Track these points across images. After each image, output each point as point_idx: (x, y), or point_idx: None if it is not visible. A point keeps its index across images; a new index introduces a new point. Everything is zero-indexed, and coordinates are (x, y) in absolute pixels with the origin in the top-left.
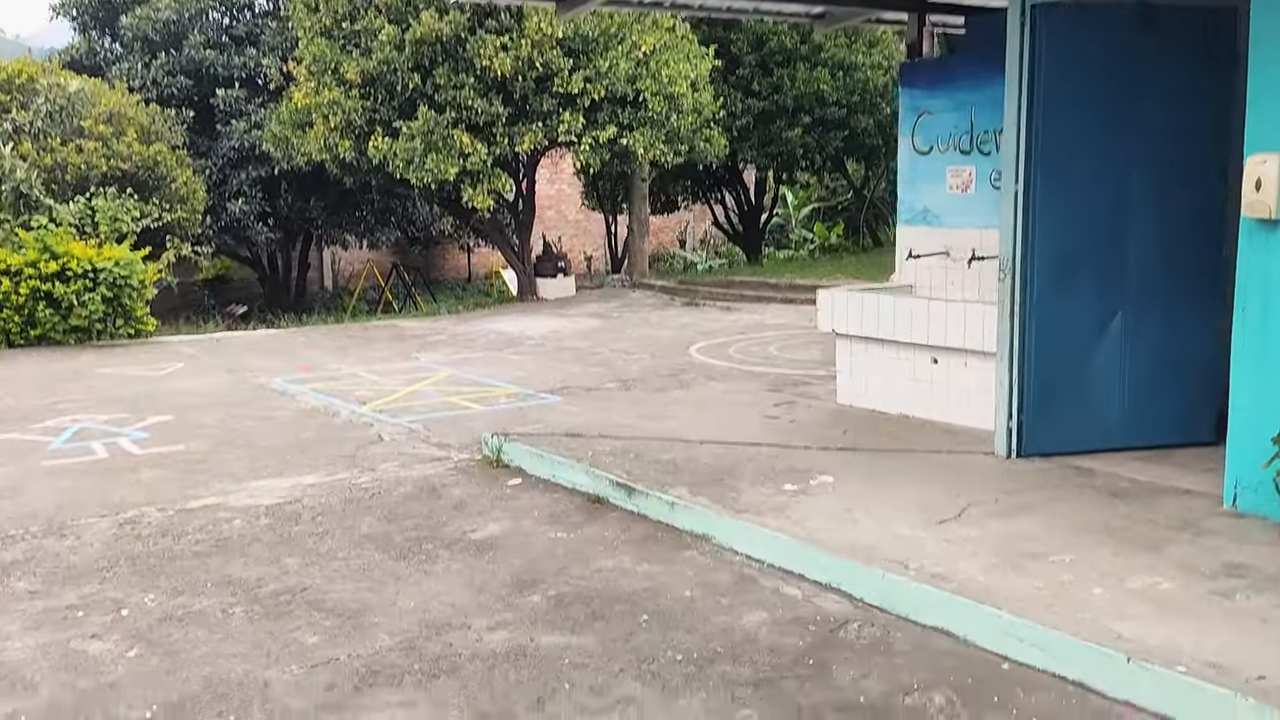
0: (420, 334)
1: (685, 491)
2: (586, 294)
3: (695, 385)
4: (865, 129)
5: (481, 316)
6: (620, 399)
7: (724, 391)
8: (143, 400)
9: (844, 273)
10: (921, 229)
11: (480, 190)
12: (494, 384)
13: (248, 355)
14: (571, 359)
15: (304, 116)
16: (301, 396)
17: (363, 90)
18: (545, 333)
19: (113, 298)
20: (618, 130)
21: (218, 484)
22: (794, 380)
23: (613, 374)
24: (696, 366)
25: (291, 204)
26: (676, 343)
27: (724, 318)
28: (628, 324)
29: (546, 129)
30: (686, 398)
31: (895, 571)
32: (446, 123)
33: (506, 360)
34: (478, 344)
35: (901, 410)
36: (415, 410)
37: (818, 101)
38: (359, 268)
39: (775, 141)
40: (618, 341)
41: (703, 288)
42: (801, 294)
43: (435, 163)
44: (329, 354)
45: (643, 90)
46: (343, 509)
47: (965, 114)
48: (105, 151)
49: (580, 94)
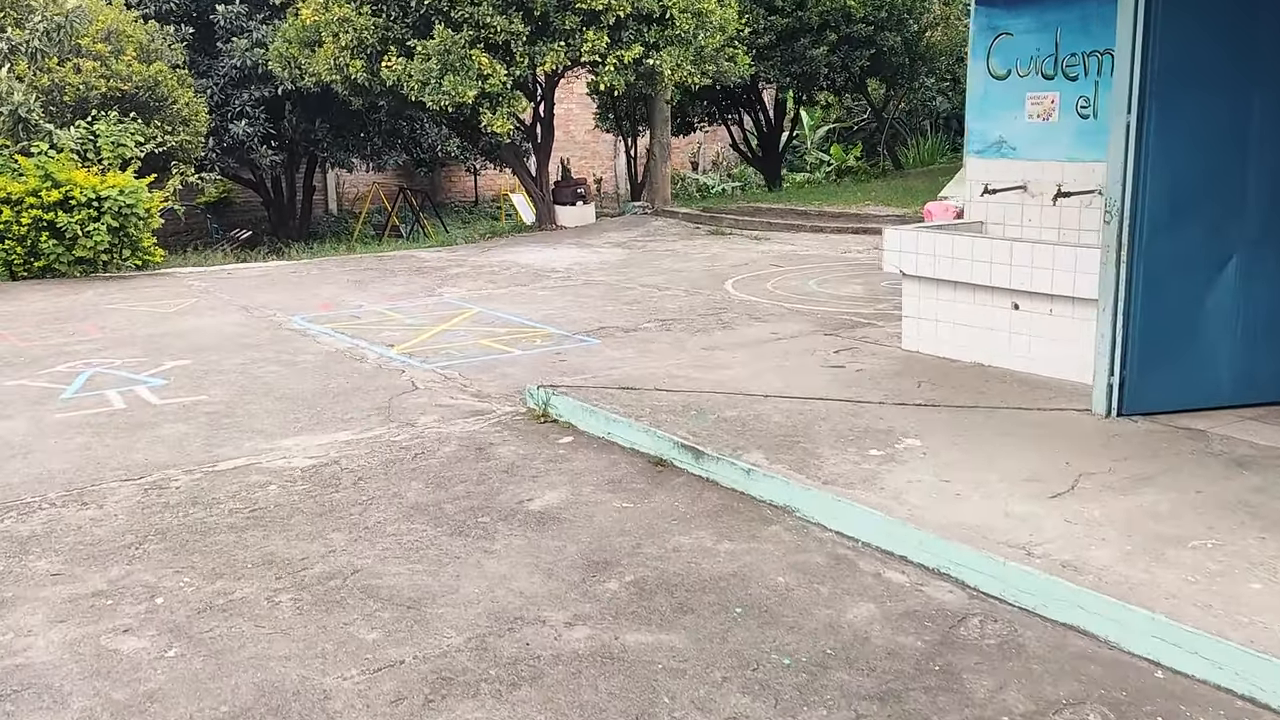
0: (440, 266)
1: (760, 456)
2: (607, 222)
3: (739, 326)
4: (892, 47)
5: (500, 246)
6: (663, 342)
7: (772, 334)
8: (156, 341)
9: (873, 199)
10: (995, 161)
11: (500, 114)
12: (526, 323)
13: (261, 290)
14: (602, 295)
15: (312, 34)
16: (324, 338)
17: (375, 6)
18: (569, 265)
19: (118, 228)
20: (644, 50)
21: (247, 441)
22: (845, 321)
23: (649, 312)
24: (736, 304)
25: (296, 126)
26: (709, 276)
27: (754, 248)
28: (654, 255)
29: (569, 49)
30: (734, 341)
31: (1017, 558)
32: (464, 42)
33: (534, 296)
34: (501, 278)
35: (976, 359)
36: (448, 354)
37: (844, 18)
38: (364, 190)
39: (798, 60)
40: (647, 275)
41: (728, 215)
42: (831, 222)
43: (452, 84)
44: (347, 289)
45: (670, 7)
46: (385, 472)
47: (1050, 35)
48: (104, 71)
49: (604, 10)
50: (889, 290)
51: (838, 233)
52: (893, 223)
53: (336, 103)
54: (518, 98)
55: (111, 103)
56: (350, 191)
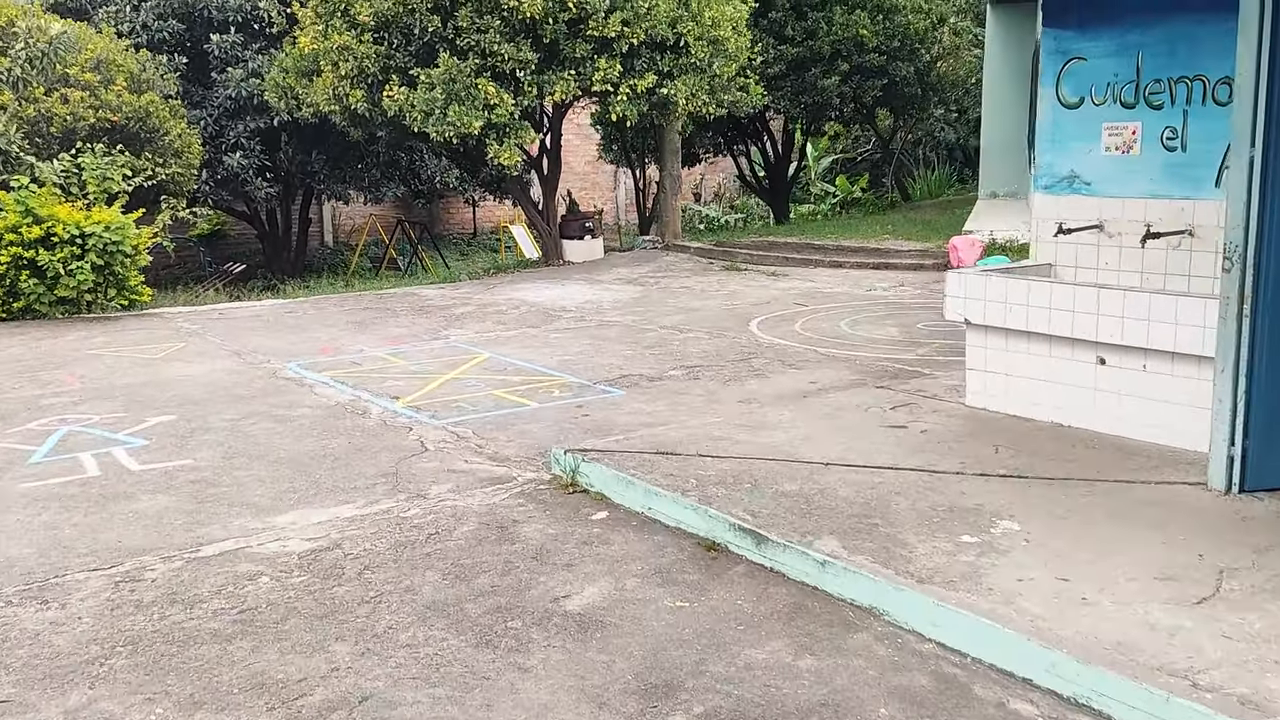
0: (444, 305)
1: (835, 543)
2: (615, 257)
3: (774, 374)
4: (904, 77)
5: (506, 283)
6: (694, 393)
7: (812, 384)
8: (139, 393)
9: (890, 232)
10: (1067, 198)
11: (508, 145)
12: (541, 370)
13: (255, 332)
14: (620, 338)
15: (310, 63)
16: (322, 388)
17: (376, 34)
18: (581, 303)
19: (103, 266)
20: (657, 78)
21: (236, 518)
22: (890, 369)
23: (673, 358)
24: (765, 348)
25: (292, 157)
26: (731, 316)
27: (773, 285)
28: (669, 292)
29: (579, 77)
30: (772, 392)
31: (1183, 692)
32: (470, 70)
33: (547, 339)
34: (510, 318)
35: (1054, 419)
36: (459, 407)
37: (856, 48)
38: (360, 222)
39: (809, 91)
40: (665, 314)
41: (741, 250)
42: (850, 256)
43: (458, 115)
44: (346, 331)
45: (684, 34)
46: (395, 559)
47: (1130, 59)
48: (92, 101)
49: (617, 38)
50: (927, 332)
51: (858, 268)
52: (914, 258)
53: (334, 134)
54: (525, 128)
55: (100, 134)
56: (347, 223)
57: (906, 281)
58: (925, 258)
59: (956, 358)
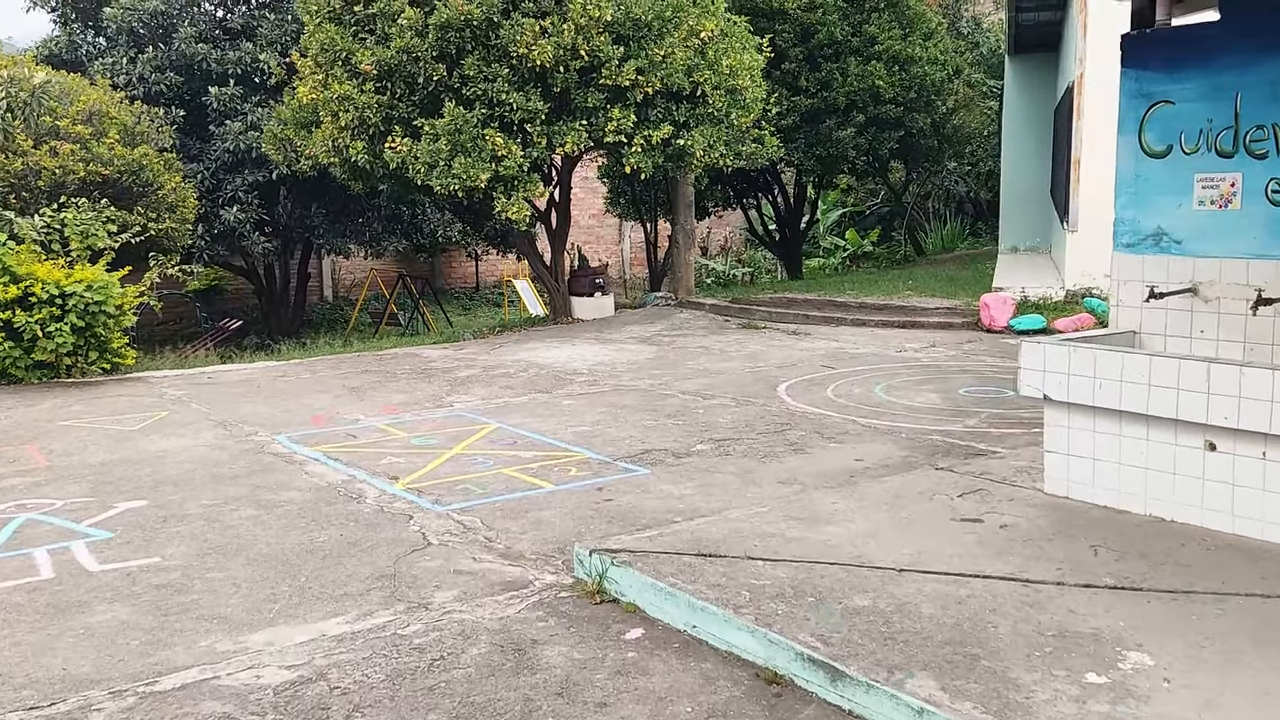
0: (447, 367)
1: (931, 683)
2: (627, 314)
3: (814, 449)
4: (921, 129)
5: (512, 342)
6: (727, 471)
7: (858, 462)
8: (110, 473)
9: (913, 288)
10: (1153, 257)
11: (516, 199)
12: (555, 444)
13: (244, 399)
14: (639, 405)
15: (309, 115)
16: (313, 466)
17: (378, 84)
18: (593, 365)
19: (84, 327)
20: (673, 129)
21: (204, 636)
22: (941, 445)
23: (699, 429)
24: (798, 417)
25: (291, 211)
26: (756, 380)
27: (796, 345)
28: (686, 353)
29: (591, 128)
30: (816, 472)
31: None
32: (476, 120)
33: (559, 406)
34: (518, 382)
35: (1153, 511)
36: (465, 489)
37: (872, 99)
38: (361, 277)
39: (824, 143)
40: (684, 378)
41: (759, 307)
42: (874, 314)
43: (464, 167)
44: (342, 398)
45: (701, 83)
46: (391, 695)
47: (1226, 102)
48: (83, 155)
49: (631, 87)
50: (971, 400)
51: (883, 327)
52: (942, 316)
53: (334, 187)
54: (535, 181)
55: (91, 188)
56: (347, 278)
57: (937, 341)
58: (954, 315)
59: (1012, 430)
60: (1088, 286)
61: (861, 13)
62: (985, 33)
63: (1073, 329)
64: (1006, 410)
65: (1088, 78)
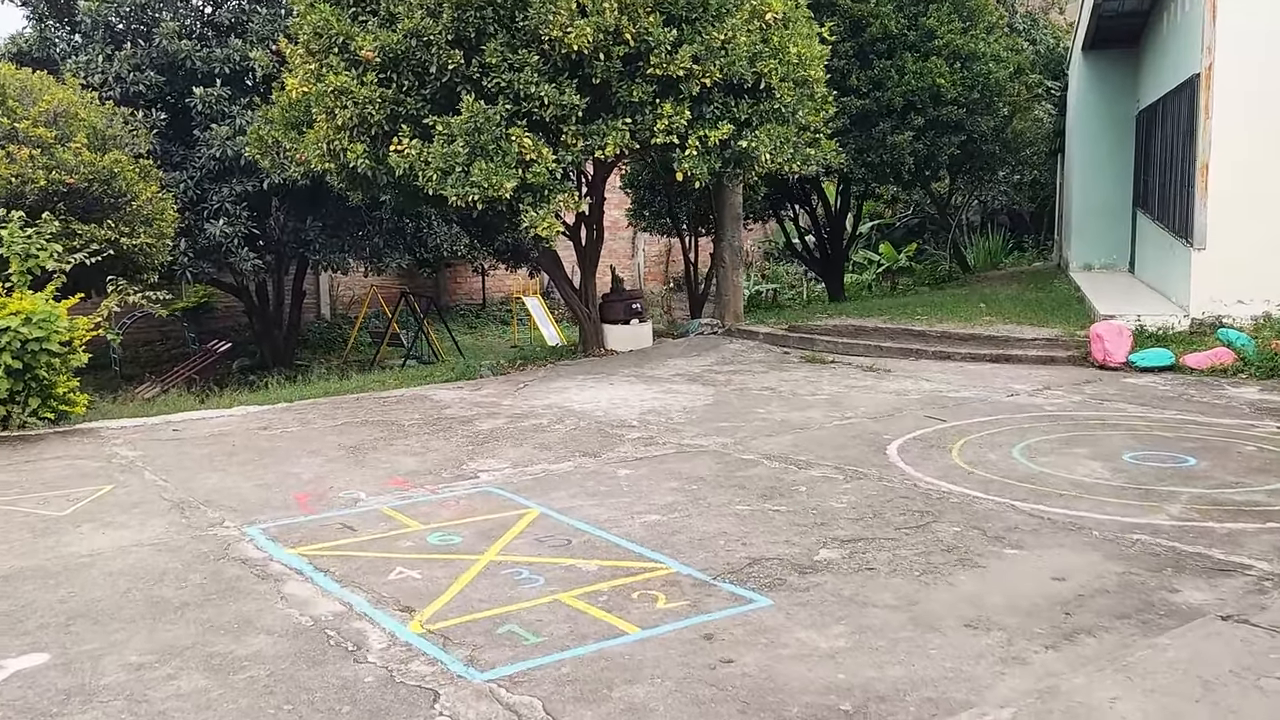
0: (465, 415)
1: None
2: (668, 345)
3: (985, 557)
4: (983, 134)
5: (539, 380)
6: (884, 604)
7: (1058, 581)
8: (16, 594)
9: (992, 312)
10: None
11: (547, 212)
12: (623, 545)
13: (213, 464)
14: (717, 477)
15: (300, 113)
16: (294, 584)
17: (382, 74)
18: (643, 413)
19: (21, 370)
20: (734, 128)
21: None
22: (1161, 552)
23: (811, 519)
24: (934, 499)
25: (283, 224)
26: (852, 436)
27: (879, 384)
28: (751, 397)
29: (637, 127)
30: (1004, 603)
31: None
32: (500, 118)
33: (614, 478)
34: (554, 438)
35: None
36: (510, 635)
37: (932, 99)
38: (361, 294)
39: (876, 148)
40: (761, 433)
41: (821, 337)
42: (959, 345)
43: (485, 174)
44: (337, 461)
45: (766, 74)
46: None
47: None
48: (45, 161)
49: (685, 78)
50: (1149, 474)
51: (972, 360)
52: (1040, 348)
53: (331, 197)
54: (570, 190)
55: (54, 199)
56: (345, 295)
57: (1049, 382)
58: (1055, 347)
59: (1239, 523)
60: (1217, 315)
61: (919, 3)
62: (1043, 29)
63: (1207, 366)
64: (1204, 488)
65: (1218, 69)
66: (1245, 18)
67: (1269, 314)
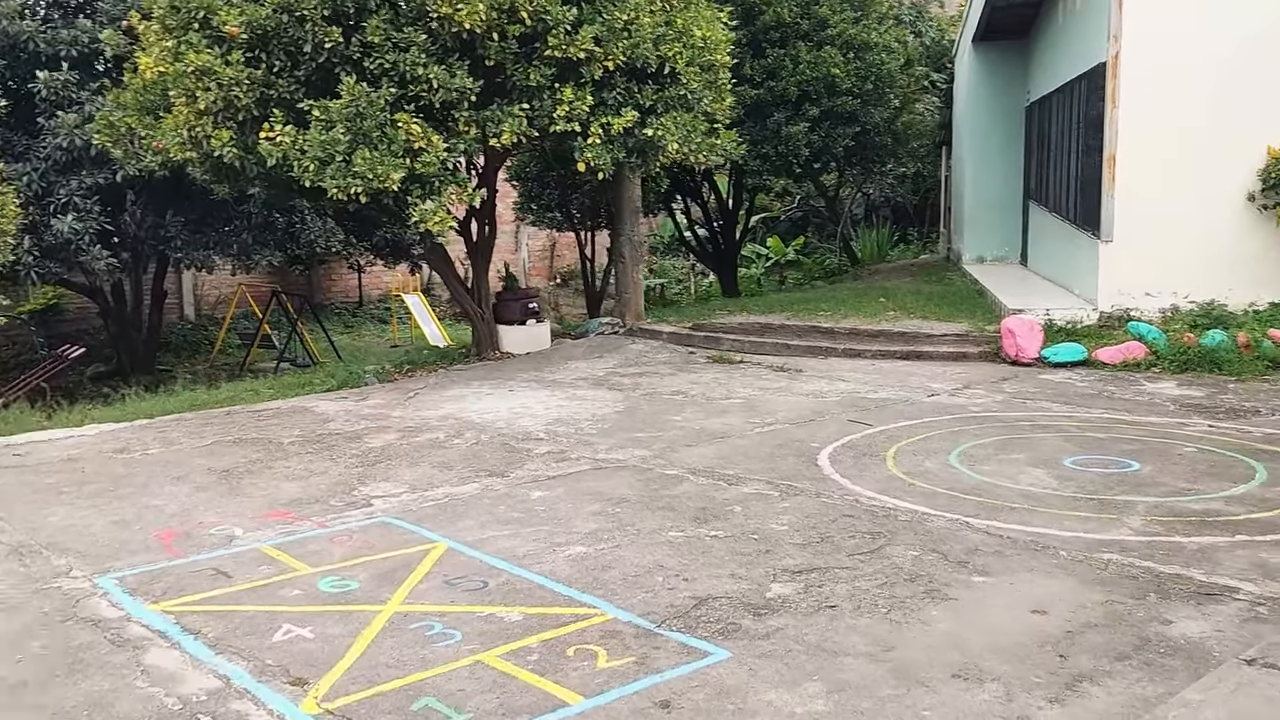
0: (351, 430)
1: None
2: (567, 346)
3: (953, 587)
4: (876, 125)
5: (430, 387)
6: (858, 654)
7: (1038, 615)
8: None
9: (898, 308)
10: None
11: (438, 205)
12: (548, 586)
13: (61, 495)
14: (643, 498)
15: (157, 96)
16: (157, 653)
17: (250, 53)
18: (549, 423)
19: None
20: (638, 116)
21: None
22: (1139, 575)
23: (755, 546)
24: (882, 517)
25: (141, 220)
26: (779, 446)
27: (793, 385)
28: (664, 402)
29: (534, 113)
30: (992, 644)
31: None
32: (384, 102)
33: (528, 502)
34: (455, 455)
35: None
36: (424, 710)
37: (827, 89)
38: (228, 293)
39: (772, 139)
40: (682, 443)
41: (727, 335)
42: (868, 342)
43: (369, 163)
44: (207, 489)
45: (670, 58)
46: None
47: None
48: None
49: (586, 61)
50: (1097, 481)
51: (883, 358)
52: (951, 344)
53: (194, 190)
54: (465, 181)
55: None
56: (211, 294)
57: (967, 380)
58: (965, 343)
59: (1208, 536)
60: (1126, 308)
61: None
62: (928, 21)
63: (1120, 360)
64: (1157, 496)
65: (1125, 58)
66: (1152, 4)
67: (1177, 306)
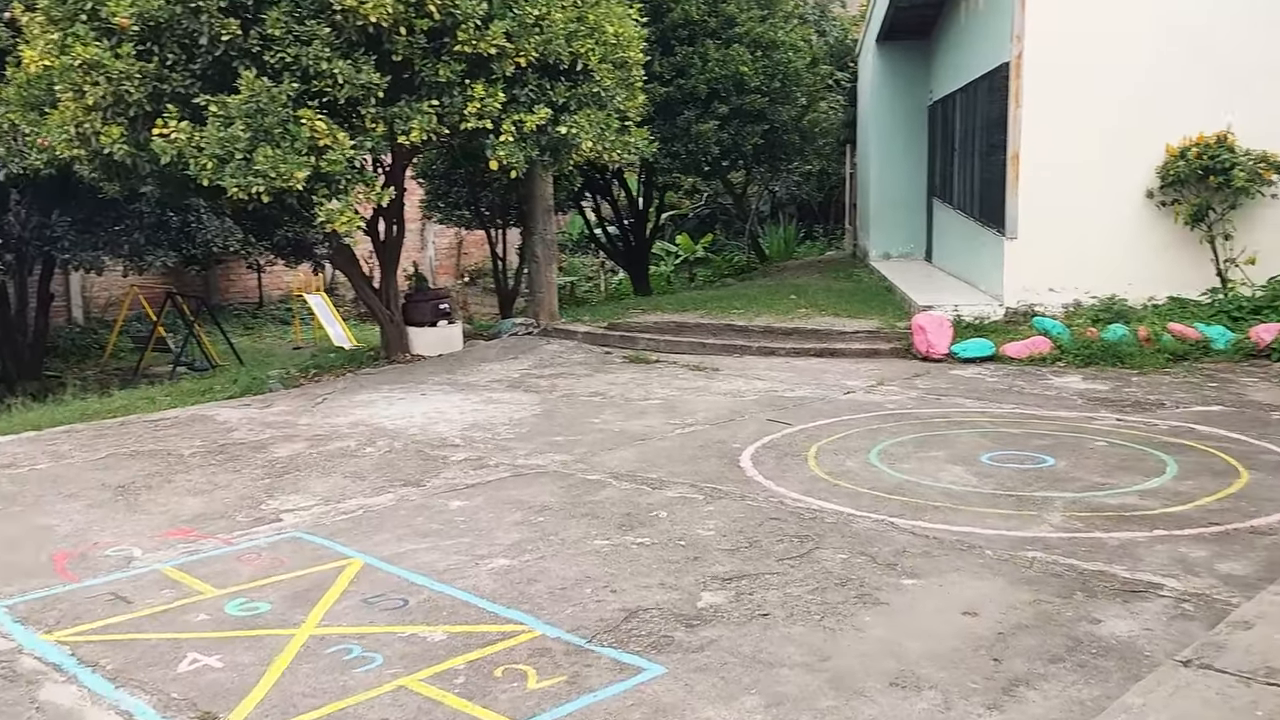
0: (257, 439)
1: None
2: (480, 348)
3: (883, 590)
4: (784, 123)
5: (339, 392)
6: (794, 664)
7: (969, 616)
8: None
9: (809, 305)
10: None
11: (345, 204)
12: (471, 602)
13: None
14: (566, 505)
15: (42, 91)
16: (53, 689)
17: (141, 45)
18: (465, 428)
19: None
20: (552, 113)
21: None
22: (1064, 573)
23: (682, 553)
24: (807, 518)
25: (25, 220)
26: (700, 447)
27: (710, 385)
28: (581, 404)
29: (444, 110)
30: (929, 651)
31: None
32: (286, 98)
33: (447, 513)
34: (367, 464)
35: None
36: None
37: (736, 87)
38: (120, 295)
39: (682, 137)
40: (601, 447)
41: (642, 334)
42: (783, 340)
43: (271, 161)
44: (102, 506)
45: (583, 54)
46: None
47: None
48: None
49: (497, 57)
50: (1014, 477)
51: (797, 355)
52: (863, 341)
53: (82, 188)
54: (374, 180)
55: None
56: (101, 296)
57: (881, 377)
58: (877, 340)
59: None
60: (1031, 303)
61: None
62: (832, 20)
63: (1026, 355)
64: (1074, 492)
65: (1028, 57)
66: (1055, 4)
67: (1080, 301)
